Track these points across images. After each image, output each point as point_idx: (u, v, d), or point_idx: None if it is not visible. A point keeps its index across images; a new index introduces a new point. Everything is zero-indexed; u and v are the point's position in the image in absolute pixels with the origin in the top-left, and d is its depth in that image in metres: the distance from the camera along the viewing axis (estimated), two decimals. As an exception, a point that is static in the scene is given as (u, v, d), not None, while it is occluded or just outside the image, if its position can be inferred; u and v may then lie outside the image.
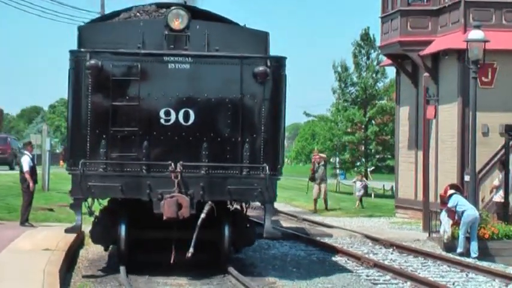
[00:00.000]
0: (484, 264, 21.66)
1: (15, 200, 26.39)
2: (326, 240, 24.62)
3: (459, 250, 23.49)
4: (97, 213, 17.29)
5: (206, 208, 15.73)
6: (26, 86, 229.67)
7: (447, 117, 30.91)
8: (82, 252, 19.72)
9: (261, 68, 16.20)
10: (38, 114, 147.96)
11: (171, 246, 16.12)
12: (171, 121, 16.04)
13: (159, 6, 18.63)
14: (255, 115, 16.49)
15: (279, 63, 16.60)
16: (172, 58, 16.22)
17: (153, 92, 16.09)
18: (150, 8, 18.62)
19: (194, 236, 15.52)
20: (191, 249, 15.50)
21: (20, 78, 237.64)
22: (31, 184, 23.94)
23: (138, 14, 18.33)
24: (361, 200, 42.52)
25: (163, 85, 16.19)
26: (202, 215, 15.59)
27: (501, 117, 28.53)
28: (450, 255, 22.83)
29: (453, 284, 18.09)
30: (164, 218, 15.31)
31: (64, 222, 23.12)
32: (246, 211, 18.62)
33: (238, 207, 18.48)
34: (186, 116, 16.03)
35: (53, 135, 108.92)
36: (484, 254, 23.41)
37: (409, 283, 17.78)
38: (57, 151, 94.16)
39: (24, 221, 23.75)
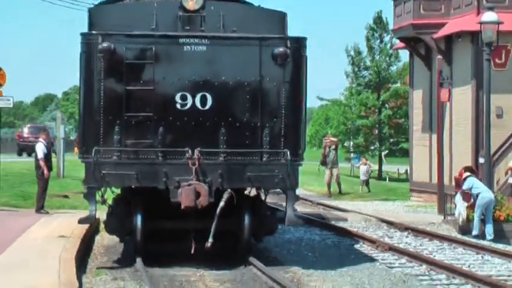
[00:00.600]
0: (500, 246, 21.65)
1: (31, 187, 26.49)
2: (341, 224, 24.62)
3: (474, 233, 23.45)
4: (110, 201, 16.86)
5: (225, 196, 15.06)
6: (40, 74, 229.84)
7: (461, 99, 30.84)
8: (97, 238, 19.72)
9: (280, 49, 15.49)
10: (52, 101, 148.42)
11: (187, 236, 15.63)
12: (188, 106, 15.37)
13: None
14: (275, 98, 15.76)
15: (299, 44, 15.89)
16: (188, 40, 15.50)
17: (168, 76, 15.45)
18: None
19: (213, 226, 14.94)
20: (210, 239, 14.93)
21: (33, 66, 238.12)
22: (45, 171, 24.01)
23: None
24: (367, 184, 42.43)
25: (179, 68, 15.53)
26: (222, 204, 14.97)
27: (515, 99, 28.49)
28: (465, 238, 22.81)
29: (469, 266, 18.06)
30: (182, 207, 14.69)
31: (79, 209, 23.19)
32: (265, 198, 17.72)
33: (257, 193, 17.79)
34: (203, 101, 15.37)
35: (67, 122, 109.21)
36: (499, 236, 23.40)
37: (424, 266, 17.76)
38: (72, 138, 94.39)
39: (40, 208, 23.83)
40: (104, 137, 15.14)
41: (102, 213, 18.09)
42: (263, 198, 17.49)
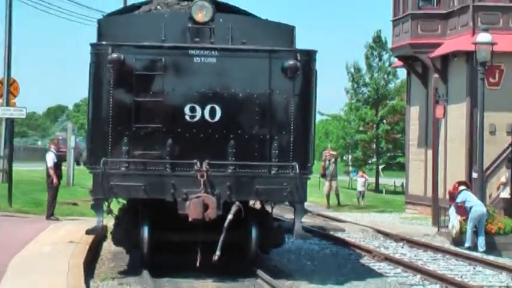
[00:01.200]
0: (491, 258, 21.64)
1: (42, 194, 26.49)
2: (339, 234, 24.62)
3: (467, 244, 23.46)
4: (116, 211, 16.48)
5: (233, 209, 14.41)
6: (52, 86, 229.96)
7: (456, 116, 30.87)
8: (105, 245, 19.65)
9: (290, 62, 14.82)
10: (63, 112, 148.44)
11: (194, 248, 15.04)
12: (197, 117, 14.72)
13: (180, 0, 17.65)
14: (284, 111, 15.06)
15: (309, 57, 15.22)
16: (198, 51, 14.94)
17: (177, 87, 14.89)
18: (171, 1, 17.58)
19: (221, 238, 14.32)
20: (218, 252, 14.30)
21: (46, 78, 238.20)
22: (55, 180, 24.02)
23: (158, 7, 17.36)
24: (363, 196, 42.39)
25: (189, 80, 14.96)
26: (230, 217, 14.32)
27: (508, 117, 28.52)
28: (458, 249, 22.80)
29: (461, 276, 18.04)
30: (190, 219, 14.13)
31: (87, 216, 23.14)
32: (272, 210, 17.18)
33: (262, 206, 17.27)
34: (212, 113, 14.73)
35: (77, 132, 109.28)
36: (491, 248, 23.40)
37: (418, 276, 17.74)
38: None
39: (50, 215, 23.84)
40: (112, 148, 14.60)
41: (109, 220, 18.02)
42: (270, 210, 17.01)
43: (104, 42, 15.02)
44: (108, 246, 19.51)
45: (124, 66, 14.49)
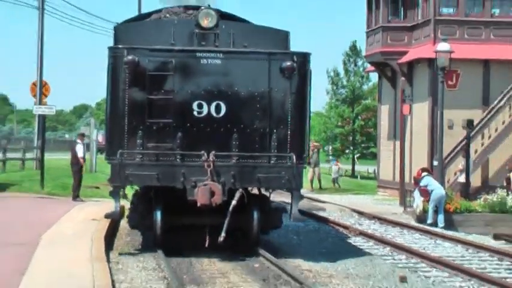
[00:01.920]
0: (449, 233, 21.68)
1: (68, 180, 26.48)
2: (320, 213, 24.64)
3: (429, 221, 23.51)
4: (130, 196, 16.15)
5: (237, 195, 13.99)
6: (77, 87, 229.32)
7: (419, 113, 30.89)
8: (122, 222, 19.61)
9: (287, 63, 14.37)
10: (86, 110, 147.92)
11: (202, 230, 14.61)
12: (204, 113, 14.24)
13: (187, 7, 17.21)
14: (282, 108, 14.54)
15: (304, 58, 14.73)
16: (204, 54, 14.46)
17: (186, 86, 14.40)
18: (179, 10, 17.26)
19: (226, 222, 13.87)
20: (223, 234, 13.84)
21: (72, 80, 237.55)
22: (82, 162, 24.47)
23: (167, 15, 17.02)
24: (337, 181, 42.68)
25: (196, 79, 14.46)
26: (234, 202, 13.90)
27: (463, 114, 28.47)
28: (421, 226, 22.83)
29: (424, 248, 18.10)
30: (198, 204, 13.70)
31: (108, 198, 23.12)
32: (270, 196, 16.49)
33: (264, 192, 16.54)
34: (218, 109, 14.24)
35: (98, 127, 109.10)
36: (449, 224, 23.45)
37: (388, 248, 17.79)
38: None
39: (76, 197, 23.88)
40: (128, 141, 14.12)
41: (126, 202, 18.03)
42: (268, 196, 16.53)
43: (120, 46, 14.72)
44: (125, 223, 19.48)
45: (138, 67, 14.09)
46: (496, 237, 21.68)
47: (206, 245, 14.31)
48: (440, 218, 23.58)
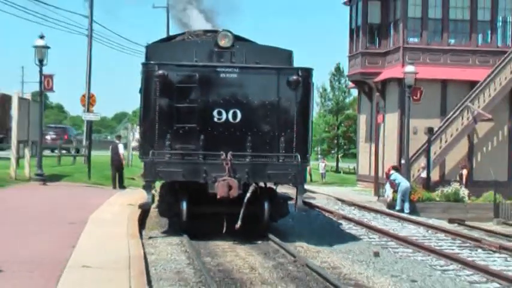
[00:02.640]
0: (413, 217, 21.73)
1: (109, 172, 26.52)
2: (311, 201, 24.63)
3: (397, 208, 23.61)
4: (157, 187, 15.53)
5: (251, 189, 13.42)
6: (118, 97, 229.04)
7: (390, 121, 30.94)
8: (153, 206, 19.60)
9: (293, 77, 13.72)
10: (125, 116, 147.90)
11: (221, 218, 14.09)
12: (222, 119, 13.66)
13: (206, 31, 16.79)
14: (289, 114, 13.86)
15: (307, 73, 14.07)
16: (223, 69, 13.88)
17: (207, 96, 13.74)
18: (199, 33, 16.93)
19: (242, 211, 13.26)
20: (239, 222, 13.28)
21: (114, 91, 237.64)
22: (123, 161, 24.53)
23: (189, 37, 16.66)
24: (323, 176, 42.87)
25: (216, 90, 13.81)
26: (248, 195, 13.32)
27: (425, 122, 28.59)
28: (391, 212, 22.90)
29: (393, 230, 18.13)
30: (218, 196, 13.12)
31: (141, 188, 23.17)
32: (276, 189, 15.78)
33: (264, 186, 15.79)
34: (234, 115, 13.67)
35: (134, 130, 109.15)
36: (413, 211, 23.62)
37: (364, 229, 17.83)
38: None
39: (116, 187, 23.91)
40: (158, 142, 13.64)
41: (155, 192, 17.94)
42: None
43: (152, 62, 14.21)
44: (154, 208, 19.46)
45: (167, 80, 13.55)
46: (451, 221, 21.76)
47: (224, 231, 13.95)
48: (406, 205, 23.68)
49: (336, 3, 36.18)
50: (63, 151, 35.56)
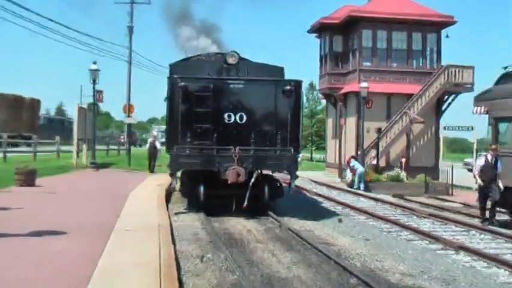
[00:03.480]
0: (367, 193, 21.81)
1: (144, 161, 26.50)
2: (287, 181, 24.61)
3: (355, 187, 23.65)
4: (178, 174, 14.73)
5: (254, 176, 12.96)
6: (151, 105, 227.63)
7: (350, 123, 30.91)
8: (177, 187, 19.50)
9: (287, 87, 13.11)
10: (155, 120, 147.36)
11: (230, 199, 13.32)
12: (231, 121, 13.01)
13: (217, 53, 16.17)
14: (284, 117, 13.19)
15: (298, 84, 13.36)
16: (231, 81, 13.33)
17: (219, 102, 13.10)
18: (211, 54, 16.41)
19: (248, 193, 12.75)
20: (246, 202, 12.78)
21: (147, 101, 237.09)
22: (159, 153, 24.19)
23: (203, 57, 16.11)
24: (299, 163, 42.63)
25: (226, 98, 13.16)
26: (253, 180, 12.80)
27: (375, 124, 28.54)
28: (350, 189, 22.97)
29: (352, 202, 18.18)
30: (229, 182, 12.60)
31: (167, 172, 23.04)
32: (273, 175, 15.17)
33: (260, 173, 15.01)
34: (241, 117, 13.05)
35: (156, 130, 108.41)
36: (367, 188, 23.58)
37: (332, 202, 17.91)
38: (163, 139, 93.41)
39: (150, 171, 23.88)
40: (181, 139, 13.19)
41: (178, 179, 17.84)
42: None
43: (175, 76, 13.62)
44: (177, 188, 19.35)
45: (188, 89, 13.05)
46: (394, 196, 21.82)
47: (233, 209, 13.46)
48: (362, 185, 23.72)
49: (310, 37, 36.03)
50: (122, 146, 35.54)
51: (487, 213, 14.17)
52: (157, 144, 24.66)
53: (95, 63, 23.57)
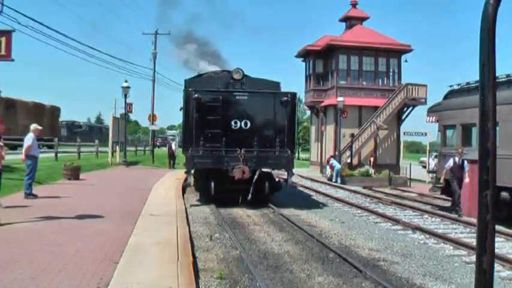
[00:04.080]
0: (343, 185, 21.77)
1: (165, 160, 26.46)
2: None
3: (333, 180, 23.59)
4: (192, 171, 14.27)
5: (257, 173, 12.47)
6: (170, 115, 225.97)
7: (329, 130, 30.88)
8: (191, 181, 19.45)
9: (285, 98, 12.69)
10: (174, 127, 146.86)
11: (237, 193, 12.75)
12: (238, 127, 12.59)
13: (223, 70, 15.55)
14: (282, 123, 12.73)
15: (294, 96, 12.94)
16: (237, 93, 12.84)
17: (228, 111, 12.65)
18: (219, 71, 15.75)
19: (251, 188, 12.40)
20: (250, 196, 12.44)
21: (168, 111, 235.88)
22: (175, 152, 24.31)
23: (212, 74, 15.29)
24: None
25: (233, 107, 12.70)
26: (256, 177, 12.41)
27: (349, 130, 28.52)
28: (330, 183, 22.92)
29: (331, 192, 18.17)
30: (236, 178, 12.15)
31: (183, 169, 22.96)
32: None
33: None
34: (246, 124, 12.63)
35: (180, 135, 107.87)
36: (342, 182, 23.51)
37: (315, 193, 17.83)
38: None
39: (170, 167, 23.84)
40: (195, 142, 12.52)
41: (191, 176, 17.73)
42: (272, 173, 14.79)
43: (190, 89, 12.95)
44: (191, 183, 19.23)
45: (200, 100, 12.52)
46: (365, 187, 21.78)
47: (239, 202, 12.84)
48: (339, 179, 23.67)
49: (297, 61, 36.10)
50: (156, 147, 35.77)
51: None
52: (173, 146, 24.91)
53: (126, 81, 23.79)
